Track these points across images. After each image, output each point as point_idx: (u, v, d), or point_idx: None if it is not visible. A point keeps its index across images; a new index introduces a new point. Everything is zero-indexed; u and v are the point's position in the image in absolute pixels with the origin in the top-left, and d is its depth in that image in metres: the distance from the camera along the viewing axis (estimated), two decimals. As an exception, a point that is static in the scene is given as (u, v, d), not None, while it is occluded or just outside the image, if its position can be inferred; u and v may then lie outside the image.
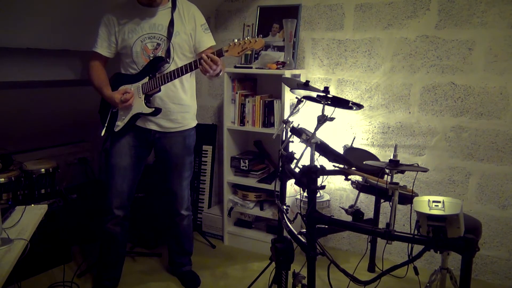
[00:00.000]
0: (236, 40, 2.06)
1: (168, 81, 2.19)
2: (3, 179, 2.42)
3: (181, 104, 2.36)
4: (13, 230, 1.65)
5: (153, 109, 2.25)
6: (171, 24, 2.23)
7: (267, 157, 3.21)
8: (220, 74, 2.29)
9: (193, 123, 2.49)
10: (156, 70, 2.23)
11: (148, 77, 2.23)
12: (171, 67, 2.24)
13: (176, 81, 2.27)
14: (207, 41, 2.33)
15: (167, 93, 2.29)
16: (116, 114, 2.33)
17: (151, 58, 2.24)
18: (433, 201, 1.59)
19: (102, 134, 2.37)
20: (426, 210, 1.58)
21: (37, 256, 2.61)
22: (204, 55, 2.08)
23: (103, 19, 2.26)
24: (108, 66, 2.38)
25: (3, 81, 2.35)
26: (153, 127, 2.34)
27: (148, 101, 2.26)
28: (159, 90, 2.24)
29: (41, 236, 2.48)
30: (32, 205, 1.93)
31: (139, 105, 2.26)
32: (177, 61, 2.26)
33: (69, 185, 3.16)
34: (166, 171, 2.49)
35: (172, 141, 2.40)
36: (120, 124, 2.31)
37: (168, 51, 2.24)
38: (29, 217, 1.79)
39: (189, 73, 2.33)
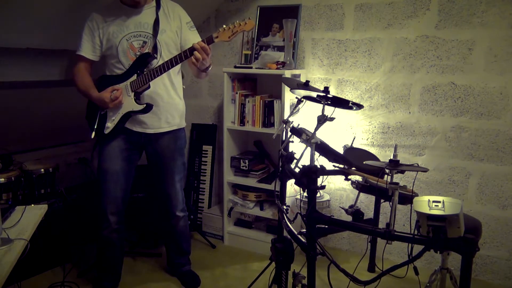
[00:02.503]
0: (225, 26, 2.04)
1: (157, 75, 2.15)
2: (3, 179, 2.42)
3: (170, 102, 2.34)
4: (13, 230, 1.65)
5: (144, 105, 2.20)
6: (157, 22, 2.21)
7: (267, 157, 3.21)
8: (209, 69, 2.25)
9: (183, 124, 2.47)
10: (144, 66, 2.19)
11: (136, 74, 2.19)
12: (159, 64, 2.20)
13: (166, 79, 2.26)
14: (193, 38, 2.28)
15: (156, 91, 2.26)
16: (105, 116, 2.28)
17: (138, 55, 2.21)
18: (433, 201, 1.59)
19: (92, 136, 2.30)
20: (426, 210, 1.58)
21: (37, 256, 2.60)
22: (196, 44, 2.04)
23: (87, 22, 2.23)
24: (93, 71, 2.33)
25: (3, 81, 2.35)
26: (143, 129, 2.31)
27: (138, 98, 2.22)
28: (149, 87, 2.20)
29: (41, 236, 2.49)
30: (32, 205, 1.93)
31: (129, 104, 2.21)
32: (165, 58, 2.22)
33: (69, 185, 3.16)
34: (159, 173, 2.46)
35: (164, 143, 2.38)
36: (110, 125, 2.26)
37: (155, 48, 2.21)
38: (29, 217, 1.79)
39: (177, 72, 2.30)
